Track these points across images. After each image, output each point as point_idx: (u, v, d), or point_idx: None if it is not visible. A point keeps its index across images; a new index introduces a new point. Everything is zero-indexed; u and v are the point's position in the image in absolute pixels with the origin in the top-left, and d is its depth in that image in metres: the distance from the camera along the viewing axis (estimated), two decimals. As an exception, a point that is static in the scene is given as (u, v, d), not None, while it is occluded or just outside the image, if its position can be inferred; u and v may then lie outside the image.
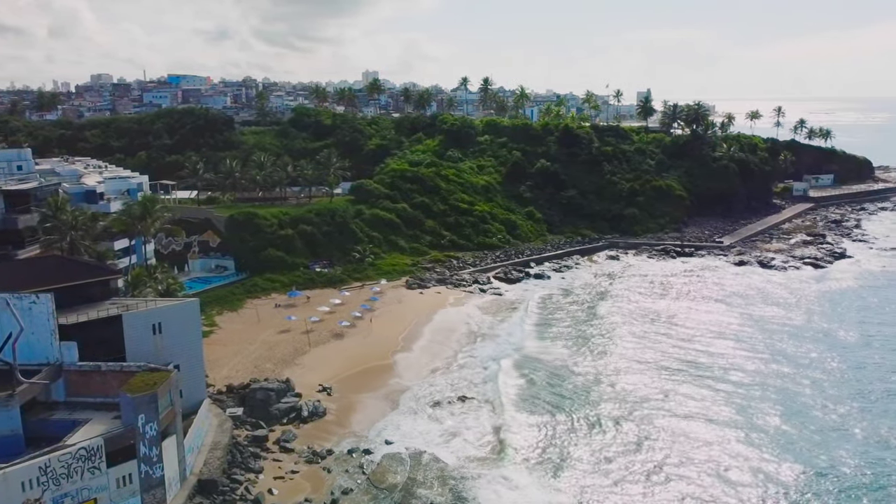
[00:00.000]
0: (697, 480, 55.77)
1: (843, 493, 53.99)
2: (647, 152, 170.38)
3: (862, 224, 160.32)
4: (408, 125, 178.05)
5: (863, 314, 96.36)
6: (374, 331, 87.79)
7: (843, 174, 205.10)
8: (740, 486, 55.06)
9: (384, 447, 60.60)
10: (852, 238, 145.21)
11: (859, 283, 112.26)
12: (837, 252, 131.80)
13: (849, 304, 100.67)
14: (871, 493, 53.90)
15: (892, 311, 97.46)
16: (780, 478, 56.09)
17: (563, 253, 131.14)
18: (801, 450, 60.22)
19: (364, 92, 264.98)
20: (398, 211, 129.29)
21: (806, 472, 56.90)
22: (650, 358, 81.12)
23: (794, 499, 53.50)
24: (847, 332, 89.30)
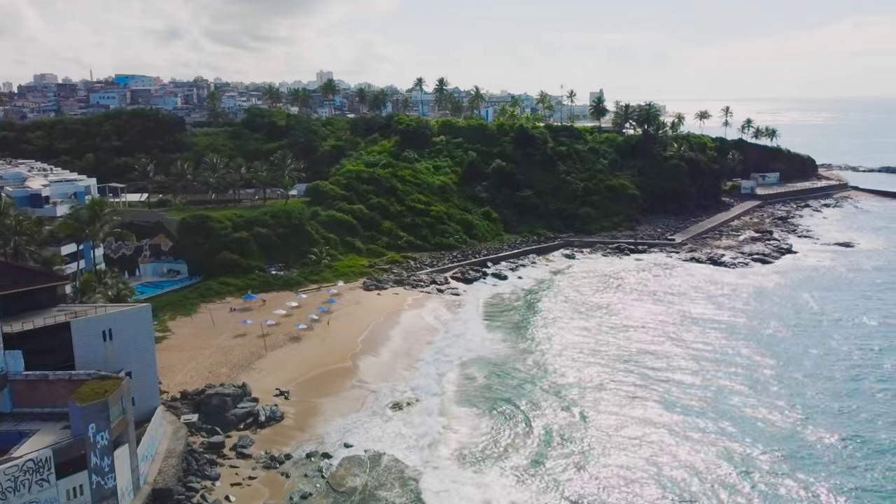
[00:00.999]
0: (627, 471, 56.98)
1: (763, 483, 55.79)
2: (600, 152, 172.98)
3: (807, 220, 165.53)
4: (363, 126, 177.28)
5: (804, 307, 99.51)
6: (332, 333, 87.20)
7: (788, 172, 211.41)
8: (667, 477, 56.49)
9: (343, 450, 60.28)
10: (798, 234, 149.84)
11: (804, 277, 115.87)
12: (784, 248, 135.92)
13: (792, 298, 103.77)
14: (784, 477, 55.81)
15: (832, 304, 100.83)
16: (702, 469, 57.68)
17: (520, 252, 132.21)
18: (733, 440, 61.96)
19: (318, 92, 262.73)
20: (354, 212, 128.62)
21: (733, 467, 58.55)
22: (600, 354, 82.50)
23: (719, 490, 55.01)
24: (787, 324, 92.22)
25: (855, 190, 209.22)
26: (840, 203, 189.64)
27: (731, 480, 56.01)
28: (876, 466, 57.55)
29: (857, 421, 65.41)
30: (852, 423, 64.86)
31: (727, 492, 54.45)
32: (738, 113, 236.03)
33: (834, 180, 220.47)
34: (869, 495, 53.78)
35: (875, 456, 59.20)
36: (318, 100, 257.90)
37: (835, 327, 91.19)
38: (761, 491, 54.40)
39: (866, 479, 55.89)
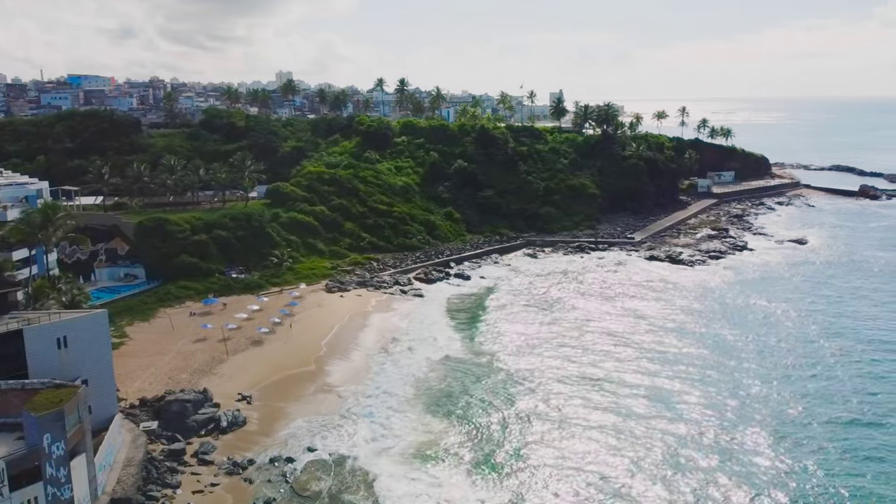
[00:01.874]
0: (583, 467, 57.87)
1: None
2: (560, 152, 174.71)
3: (761, 218, 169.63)
4: (324, 127, 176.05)
5: (756, 302, 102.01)
6: (295, 336, 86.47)
7: (743, 171, 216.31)
8: (610, 473, 57.58)
9: (307, 454, 59.88)
10: (753, 232, 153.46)
11: (758, 273, 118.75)
12: (739, 245, 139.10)
13: (745, 294, 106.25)
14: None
15: (784, 299, 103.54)
16: (647, 461, 58.92)
17: (482, 252, 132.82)
18: (680, 433, 63.39)
19: (278, 93, 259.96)
20: (316, 214, 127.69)
21: (672, 468, 59.89)
22: (563, 351, 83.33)
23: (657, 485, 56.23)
24: (738, 318, 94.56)
25: (807, 188, 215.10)
26: (793, 201, 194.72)
27: (676, 476, 57.09)
28: (808, 460, 59.41)
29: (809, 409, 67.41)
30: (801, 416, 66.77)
31: (670, 485, 55.53)
32: (694, 113, 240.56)
33: (787, 179, 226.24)
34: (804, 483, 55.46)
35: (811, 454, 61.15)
36: (277, 100, 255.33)
37: (784, 320, 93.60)
38: (706, 482, 55.69)
39: (800, 465, 57.69)
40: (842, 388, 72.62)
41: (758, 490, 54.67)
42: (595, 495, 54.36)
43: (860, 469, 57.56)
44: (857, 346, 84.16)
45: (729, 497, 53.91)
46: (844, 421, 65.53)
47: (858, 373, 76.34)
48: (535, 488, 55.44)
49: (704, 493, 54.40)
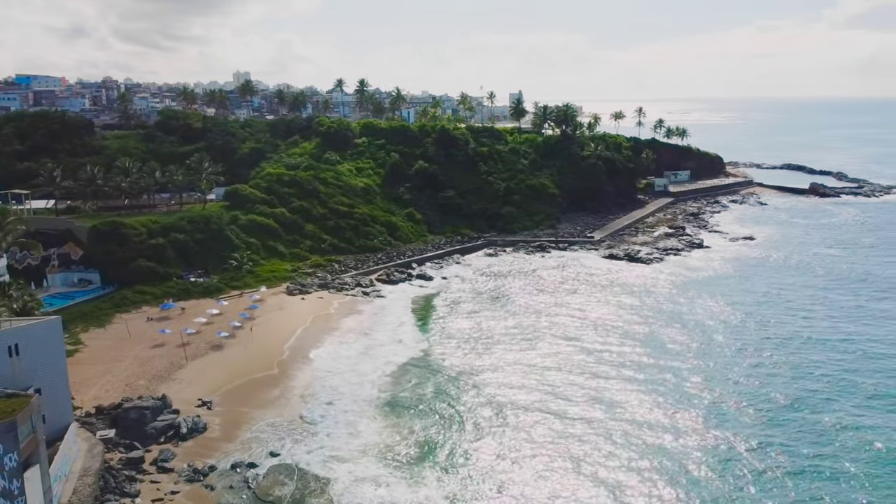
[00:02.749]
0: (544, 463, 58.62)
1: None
2: (520, 152, 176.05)
3: (716, 216, 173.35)
4: (283, 128, 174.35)
5: (710, 297, 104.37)
6: (256, 340, 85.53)
7: (698, 170, 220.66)
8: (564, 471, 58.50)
9: (270, 459, 59.31)
10: (708, 229, 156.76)
11: (712, 269, 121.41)
12: (696, 243, 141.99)
13: (700, 290, 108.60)
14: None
15: (737, 293, 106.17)
16: (600, 458, 60.03)
17: (444, 253, 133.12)
18: (628, 429, 64.65)
19: (236, 93, 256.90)
20: (276, 216, 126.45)
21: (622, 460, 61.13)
22: (525, 350, 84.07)
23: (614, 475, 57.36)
24: (692, 313, 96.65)
25: (759, 186, 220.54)
26: (746, 199, 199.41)
27: (621, 475, 58.20)
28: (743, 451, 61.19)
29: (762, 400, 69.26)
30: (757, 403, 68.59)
31: (616, 486, 56.60)
32: (650, 113, 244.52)
33: (740, 177, 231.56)
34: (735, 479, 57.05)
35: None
36: (235, 101, 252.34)
37: (737, 316, 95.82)
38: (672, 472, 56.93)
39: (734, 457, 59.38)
40: (781, 381, 74.73)
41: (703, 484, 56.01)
42: (551, 492, 55.00)
43: (796, 464, 59.27)
44: (805, 342, 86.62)
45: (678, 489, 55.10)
46: (779, 409, 67.51)
47: (799, 366, 78.61)
48: (497, 488, 55.80)
49: (645, 488, 55.49)
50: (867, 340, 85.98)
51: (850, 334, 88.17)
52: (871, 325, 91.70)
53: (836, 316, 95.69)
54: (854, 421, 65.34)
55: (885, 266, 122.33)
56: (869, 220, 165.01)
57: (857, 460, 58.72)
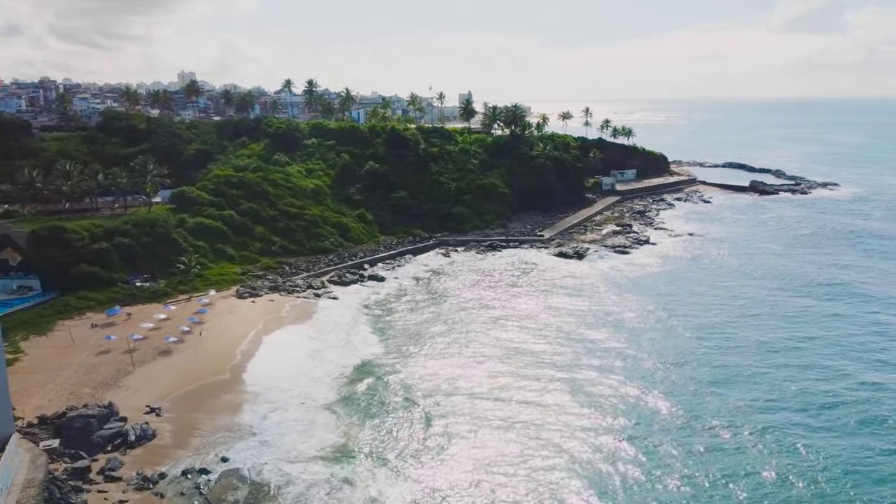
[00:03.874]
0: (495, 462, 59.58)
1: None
2: (470, 152, 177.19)
3: (662, 214, 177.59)
4: (230, 129, 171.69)
5: (655, 291, 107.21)
6: (206, 344, 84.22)
7: (644, 169, 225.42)
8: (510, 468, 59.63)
9: (222, 465, 58.62)
10: (654, 227, 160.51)
11: (658, 265, 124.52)
12: (642, 239, 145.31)
13: (645, 285, 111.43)
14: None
15: (681, 287, 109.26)
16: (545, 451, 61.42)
17: (396, 253, 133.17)
18: (583, 426, 66.24)
19: (181, 94, 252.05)
20: (224, 218, 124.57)
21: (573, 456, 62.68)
22: (477, 349, 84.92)
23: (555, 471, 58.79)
24: (639, 307, 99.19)
25: (703, 184, 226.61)
26: (690, 197, 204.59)
27: (569, 477, 59.57)
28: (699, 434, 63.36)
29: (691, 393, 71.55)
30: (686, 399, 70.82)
31: (563, 485, 57.91)
32: (597, 113, 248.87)
33: (684, 176, 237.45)
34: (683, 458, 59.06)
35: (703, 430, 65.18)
36: (180, 102, 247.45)
37: (680, 307, 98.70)
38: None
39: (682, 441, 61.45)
40: (710, 369, 77.47)
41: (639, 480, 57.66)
42: (501, 492, 55.85)
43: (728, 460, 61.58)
44: (746, 335, 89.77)
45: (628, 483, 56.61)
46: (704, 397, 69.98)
47: (724, 359, 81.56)
48: (448, 486, 56.35)
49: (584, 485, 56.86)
50: (804, 339, 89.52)
51: (787, 330, 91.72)
52: (809, 325, 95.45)
53: (774, 312, 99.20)
54: (769, 421, 68.03)
55: (817, 262, 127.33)
56: (805, 216, 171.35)
57: (774, 458, 61.14)
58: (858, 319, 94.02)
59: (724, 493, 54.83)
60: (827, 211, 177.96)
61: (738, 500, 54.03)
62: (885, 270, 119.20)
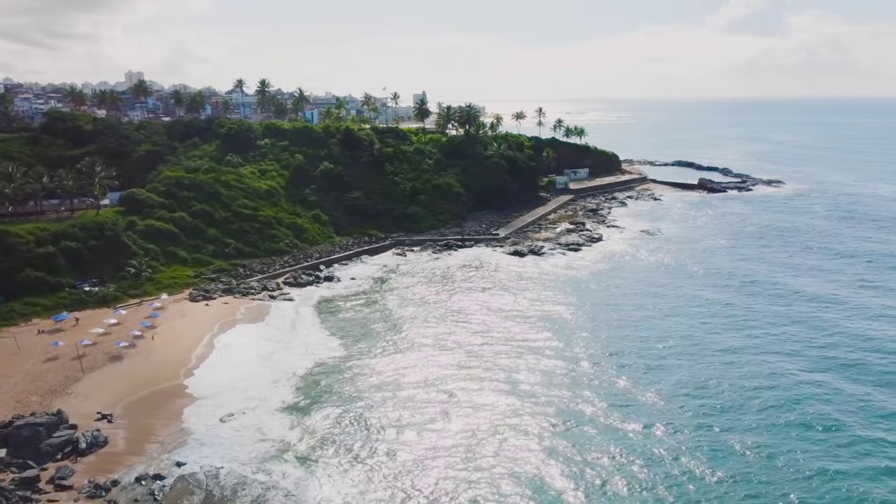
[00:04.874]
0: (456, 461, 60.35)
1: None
2: (425, 152, 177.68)
3: (614, 212, 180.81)
4: (181, 129, 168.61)
5: (607, 287, 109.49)
6: (159, 349, 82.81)
7: (596, 168, 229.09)
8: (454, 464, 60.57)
9: (177, 469, 57.92)
10: (607, 224, 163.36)
11: (610, 262, 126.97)
12: (595, 237, 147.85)
13: (597, 281, 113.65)
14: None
15: (631, 282, 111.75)
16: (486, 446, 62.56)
17: (352, 254, 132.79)
18: (530, 425, 67.54)
19: (129, 94, 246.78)
20: (176, 220, 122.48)
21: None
22: (433, 347, 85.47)
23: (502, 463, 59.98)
24: (591, 302, 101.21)
25: (653, 182, 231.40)
26: (641, 195, 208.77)
27: (516, 478, 60.69)
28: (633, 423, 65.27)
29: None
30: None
31: (515, 481, 59.00)
32: (550, 113, 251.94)
33: (635, 174, 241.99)
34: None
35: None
36: (128, 102, 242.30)
37: (630, 302, 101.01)
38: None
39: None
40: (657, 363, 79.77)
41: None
42: (452, 488, 56.51)
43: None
44: (695, 326, 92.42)
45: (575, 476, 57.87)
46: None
47: (686, 352, 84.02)
48: (404, 483, 56.76)
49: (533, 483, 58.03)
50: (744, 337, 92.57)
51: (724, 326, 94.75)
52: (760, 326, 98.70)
53: (714, 308, 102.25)
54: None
55: (761, 258, 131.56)
56: (751, 214, 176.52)
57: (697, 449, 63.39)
58: (795, 314, 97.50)
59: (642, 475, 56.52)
60: (772, 208, 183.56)
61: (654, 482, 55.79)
62: (819, 268, 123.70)
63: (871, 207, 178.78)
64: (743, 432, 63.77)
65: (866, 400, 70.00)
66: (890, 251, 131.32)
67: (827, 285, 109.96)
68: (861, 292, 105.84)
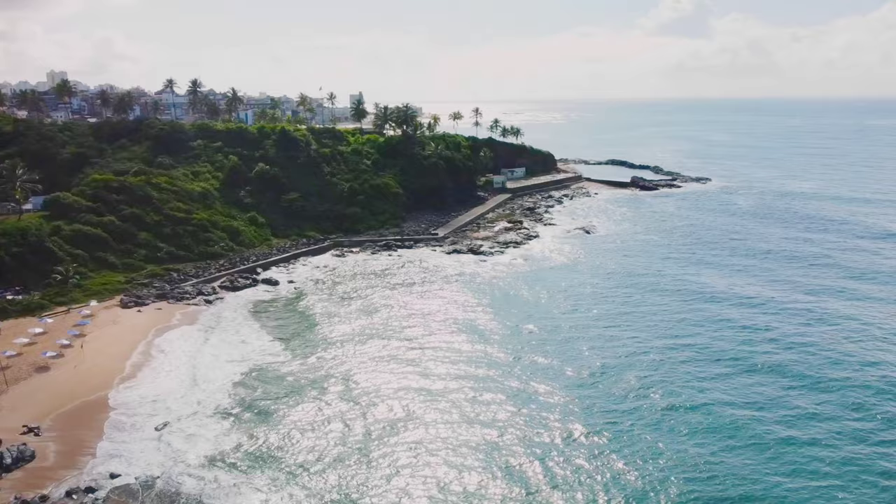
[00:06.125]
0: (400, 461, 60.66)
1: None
2: (363, 153, 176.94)
3: (551, 210, 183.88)
4: (108, 131, 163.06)
5: (543, 284, 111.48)
6: (89, 358, 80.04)
7: (532, 167, 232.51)
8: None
9: (110, 481, 56.25)
10: (544, 223, 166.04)
11: (547, 259, 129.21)
12: (532, 235, 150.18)
13: (534, 278, 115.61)
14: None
15: (566, 279, 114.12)
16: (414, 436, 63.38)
17: (290, 256, 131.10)
18: (468, 422, 68.56)
19: (51, 94, 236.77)
20: (105, 225, 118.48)
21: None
22: (372, 349, 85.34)
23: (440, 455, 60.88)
24: (529, 299, 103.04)
25: (588, 181, 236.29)
26: (577, 193, 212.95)
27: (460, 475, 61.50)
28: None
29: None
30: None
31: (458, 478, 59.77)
32: (487, 114, 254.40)
33: (571, 173, 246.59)
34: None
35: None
36: (51, 102, 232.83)
37: (566, 299, 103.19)
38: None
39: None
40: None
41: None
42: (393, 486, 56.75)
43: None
44: (631, 321, 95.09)
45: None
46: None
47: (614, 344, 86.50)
48: (337, 487, 56.59)
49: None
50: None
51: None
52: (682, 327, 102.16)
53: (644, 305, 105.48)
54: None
55: (690, 253, 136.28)
56: (681, 209, 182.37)
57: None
58: (712, 311, 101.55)
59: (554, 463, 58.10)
60: (700, 204, 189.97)
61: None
62: (732, 265, 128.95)
63: (793, 203, 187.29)
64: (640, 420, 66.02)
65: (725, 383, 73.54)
66: (809, 247, 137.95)
67: (739, 280, 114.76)
68: (771, 286, 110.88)
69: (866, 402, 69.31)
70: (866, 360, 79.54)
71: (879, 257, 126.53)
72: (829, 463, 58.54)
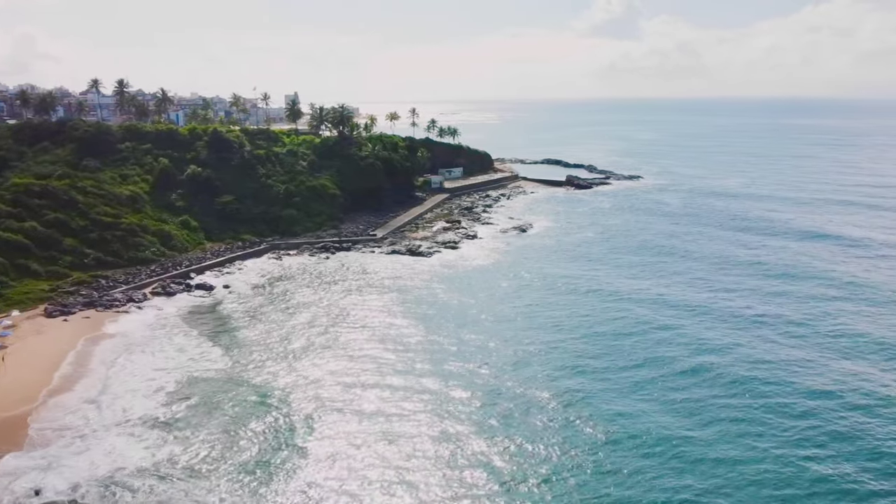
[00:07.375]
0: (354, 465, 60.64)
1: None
2: (299, 154, 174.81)
3: (488, 209, 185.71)
4: (29, 133, 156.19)
5: (481, 282, 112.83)
6: (11, 372, 76.58)
7: (470, 167, 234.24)
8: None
9: (35, 499, 54.11)
10: (482, 222, 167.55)
11: (485, 257, 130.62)
12: (471, 234, 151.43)
13: (474, 278, 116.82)
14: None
15: (504, 278, 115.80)
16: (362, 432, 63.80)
17: (225, 260, 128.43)
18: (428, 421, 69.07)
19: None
20: (26, 231, 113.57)
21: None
22: (314, 353, 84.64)
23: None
24: (468, 297, 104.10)
25: (524, 180, 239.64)
26: (513, 192, 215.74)
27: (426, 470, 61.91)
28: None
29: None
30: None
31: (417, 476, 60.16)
32: (423, 114, 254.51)
33: (507, 172, 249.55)
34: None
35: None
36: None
37: (506, 296, 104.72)
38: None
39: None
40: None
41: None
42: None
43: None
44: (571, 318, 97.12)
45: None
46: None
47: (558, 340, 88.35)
48: (276, 496, 56.08)
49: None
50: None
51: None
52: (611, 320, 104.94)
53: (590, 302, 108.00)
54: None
55: (625, 248, 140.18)
56: (615, 206, 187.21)
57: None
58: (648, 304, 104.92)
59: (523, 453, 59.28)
60: (634, 201, 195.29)
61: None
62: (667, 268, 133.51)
63: (717, 201, 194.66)
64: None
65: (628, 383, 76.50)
66: (736, 248, 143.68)
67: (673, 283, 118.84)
68: (693, 287, 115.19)
69: (789, 404, 72.36)
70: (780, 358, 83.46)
71: (803, 256, 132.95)
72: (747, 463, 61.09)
